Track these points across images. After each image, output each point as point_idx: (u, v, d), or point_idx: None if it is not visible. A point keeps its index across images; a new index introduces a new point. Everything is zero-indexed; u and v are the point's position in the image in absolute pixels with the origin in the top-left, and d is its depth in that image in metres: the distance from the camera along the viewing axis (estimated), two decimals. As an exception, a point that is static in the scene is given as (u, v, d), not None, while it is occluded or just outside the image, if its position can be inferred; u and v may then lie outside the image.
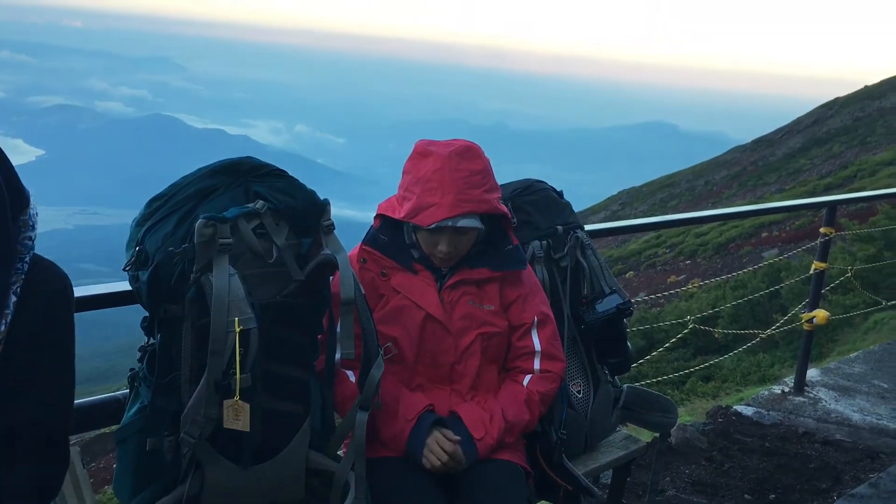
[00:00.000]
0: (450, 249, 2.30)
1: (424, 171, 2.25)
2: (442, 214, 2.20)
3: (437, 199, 2.20)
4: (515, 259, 2.42)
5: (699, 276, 21.40)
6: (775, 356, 12.49)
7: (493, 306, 2.39)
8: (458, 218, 2.21)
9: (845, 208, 14.50)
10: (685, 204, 40.01)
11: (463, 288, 2.37)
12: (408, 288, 2.34)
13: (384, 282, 2.35)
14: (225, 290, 1.82)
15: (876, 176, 26.64)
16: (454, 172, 2.22)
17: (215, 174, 2.00)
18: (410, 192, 2.27)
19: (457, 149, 2.26)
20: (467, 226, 2.24)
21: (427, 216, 2.21)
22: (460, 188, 2.21)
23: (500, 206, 2.31)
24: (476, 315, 2.36)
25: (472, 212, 2.23)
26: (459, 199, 2.20)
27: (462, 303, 2.36)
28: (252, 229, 1.93)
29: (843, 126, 43.92)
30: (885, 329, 10.92)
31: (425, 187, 2.23)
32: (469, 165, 2.24)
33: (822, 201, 4.87)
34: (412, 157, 2.32)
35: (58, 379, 1.63)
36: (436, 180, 2.21)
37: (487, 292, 2.40)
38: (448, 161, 2.23)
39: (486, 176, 2.28)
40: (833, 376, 5.24)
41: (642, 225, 4.01)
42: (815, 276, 4.79)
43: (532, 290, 2.48)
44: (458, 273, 2.37)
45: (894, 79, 49.86)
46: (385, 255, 2.36)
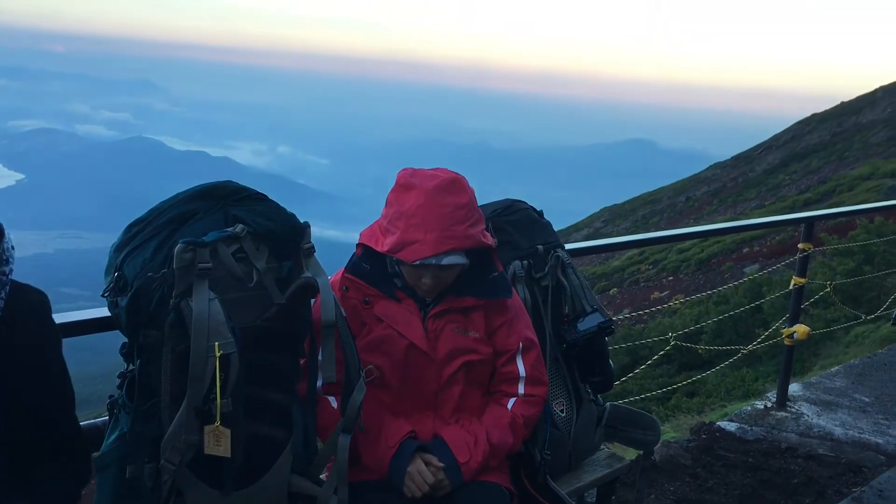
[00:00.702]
0: (434, 283, 2.27)
1: (408, 205, 2.19)
2: (426, 252, 2.15)
3: (420, 236, 2.15)
4: (501, 287, 2.39)
5: (682, 292, 21.52)
6: (759, 371, 12.55)
7: (478, 334, 2.37)
8: (443, 256, 2.17)
9: (825, 223, 14.64)
10: (667, 220, 40.26)
11: (448, 316, 2.34)
12: (391, 317, 2.31)
13: (367, 310, 2.32)
14: (205, 315, 1.81)
15: (854, 190, 26.95)
16: (438, 208, 2.16)
17: (194, 199, 1.99)
18: (394, 225, 2.21)
19: (441, 182, 2.20)
20: (452, 263, 2.20)
21: (411, 253, 2.17)
22: (444, 225, 2.16)
23: (484, 239, 2.26)
24: (461, 343, 2.34)
25: (456, 248, 2.18)
26: (444, 235, 2.15)
27: (446, 332, 2.33)
28: (232, 253, 1.92)
29: (821, 142, 44.46)
30: (865, 342, 11.00)
31: (409, 223, 2.17)
32: (454, 200, 2.19)
33: (800, 217, 4.92)
34: (395, 189, 2.26)
35: (56, 391, 1.73)
36: (419, 216, 2.16)
37: (472, 319, 2.37)
38: (432, 196, 2.17)
39: (470, 210, 2.22)
40: (815, 391, 5.27)
41: (624, 243, 4.03)
42: (795, 292, 4.83)
43: (517, 316, 2.46)
44: (443, 302, 2.33)
45: (870, 95, 50.54)
46: (368, 283, 2.32)
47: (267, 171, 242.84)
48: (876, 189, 25.47)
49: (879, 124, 42.00)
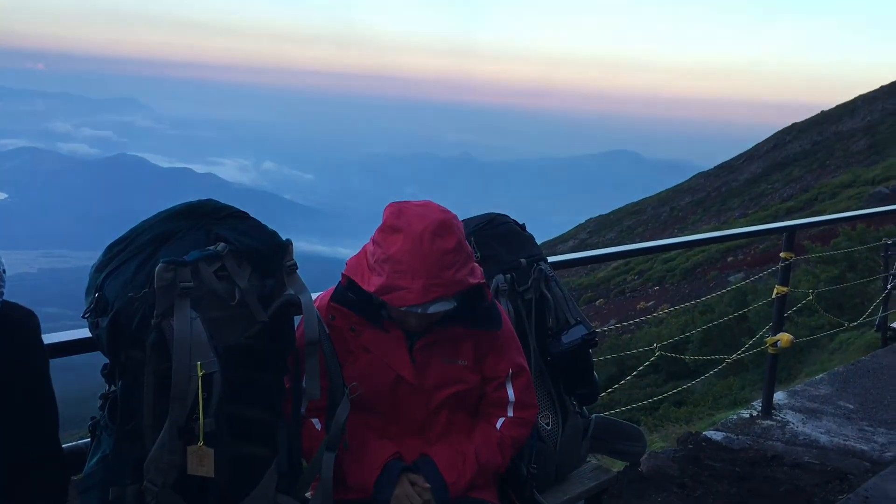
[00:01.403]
0: (420, 324, 2.24)
1: (394, 249, 2.11)
2: (412, 300, 2.09)
3: (407, 283, 2.08)
4: (491, 318, 2.33)
5: (668, 302, 21.60)
6: (745, 379, 12.60)
7: (466, 362, 2.34)
8: (429, 304, 2.10)
9: (807, 231, 14.75)
10: (652, 230, 40.46)
11: (436, 347, 2.30)
12: (378, 347, 2.27)
13: (354, 337, 2.28)
14: (186, 334, 1.80)
15: (836, 198, 27.19)
16: (426, 255, 2.08)
17: (175, 217, 1.99)
18: (381, 267, 2.13)
19: (429, 226, 2.11)
20: (438, 311, 2.14)
21: (396, 299, 2.11)
22: (432, 272, 2.08)
23: (472, 281, 2.18)
24: (449, 373, 2.31)
25: (442, 295, 2.12)
26: (431, 283, 2.08)
27: (434, 362, 2.30)
28: (214, 272, 1.91)
29: (802, 150, 44.86)
30: (850, 349, 11.07)
31: (395, 268, 2.10)
32: (441, 244, 2.10)
33: (781, 227, 4.96)
34: (382, 229, 2.18)
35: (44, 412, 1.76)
36: (406, 262, 2.08)
37: (461, 348, 2.33)
38: (420, 242, 2.09)
39: (458, 253, 2.14)
40: (800, 399, 5.30)
41: (608, 254, 4.05)
42: (777, 301, 4.86)
43: (507, 342, 2.42)
44: (432, 333, 2.28)
45: (849, 103, 51.09)
46: (354, 311, 2.26)
47: (252, 187, 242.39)
48: (857, 196, 25.70)
49: (859, 132, 42.45)
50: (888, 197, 23.63)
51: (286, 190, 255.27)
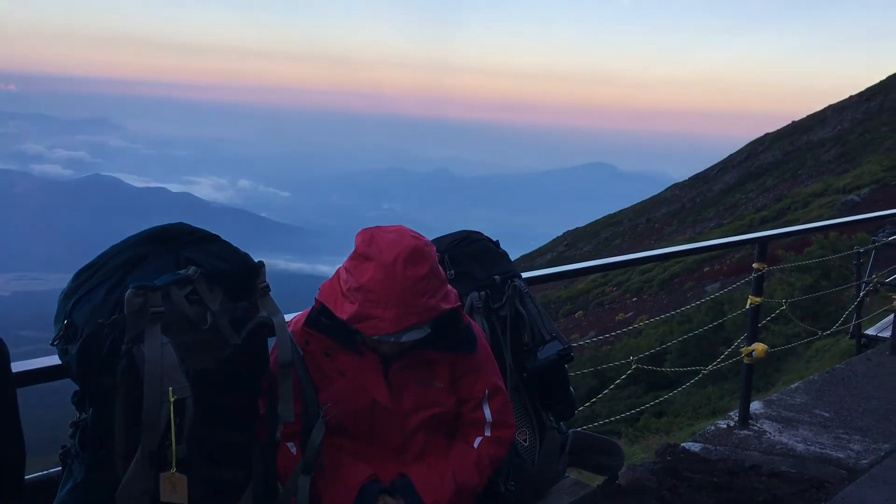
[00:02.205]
0: (393, 351, 2.24)
1: (366, 278, 2.10)
2: (385, 329, 2.09)
3: (379, 313, 2.07)
4: (466, 341, 2.33)
5: (646, 313, 21.73)
6: (724, 388, 12.70)
7: (442, 384, 2.34)
8: (402, 333, 2.10)
9: (781, 240, 14.89)
10: (629, 242, 40.72)
11: (411, 370, 2.30)
12: (353, 371, 2.27)
13: (328, 362, 2.27)
14: (157, 359, 1.78)
15: (808, 207, 27.52)
16: (398, 284, 2.07)
17: (145, 242, 1.97)
18: (353, 296, 2.12)
19: (401, 254, 2.09)
20: (412, 339, 2.14)
21: (369, 328, 2.10)
22: (405, 300, 2.08)
23: (445, 306, 2.17)
24: (425, 396, 2.31)
25: (416, 323, 2.11)
26: (403, 312, 2.08)
27: (410, 386, 2.30)
28: (185, 296, 1.89)
29: (775, 160, 45.42)
30: (826, 356, 11.18)
31: (367, 297, 2.09)
32: (414, 272, 2.09)
33: (753, 238, 5.01)
34: (354, 257, 2.17)
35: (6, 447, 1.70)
36: (378, 291, 2.07)
37: (436, 370, 2.33)
38: (392, 271, 2.08)
39: (431, 279, 2.13)
40: (776, 408, 5.33)
41: (582, 269, 4.06)
42: (752, 311, 4.90)
43: (483, 363, 2.42)
44: (407, 357, 2.28)
45: (820, 113, 51.84)
46: (328, 336, 2.26)
47: (228, 205, 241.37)
48: (829, 205, 26.04)
49: (829, 142, 43.04)
50: (859, 205, 23.96)
51: (263, 208, 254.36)
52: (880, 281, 8.60)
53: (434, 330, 2.22)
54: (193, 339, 1.91)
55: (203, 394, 1.86)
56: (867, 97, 49.58)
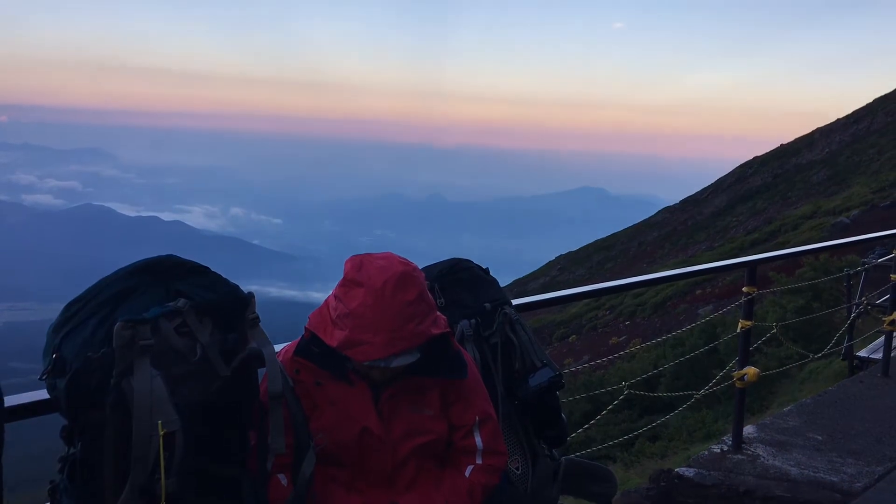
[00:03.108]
0: (384, 377, 2.25)
1: (356, 304, 2.12)
2: (375, 355, 2.10)
3: (369, 338, 2.10)
4: (456, 367, 2.34)
5: (639, 336, 21.74)
6: (718, 411, 12.66)
7: (433, 411, 2.34)
8: (392, 358, 2.12)
9: (772, 262, 14.97)
10: (621, 265, 40.82)
11: (402, 397, 2.30)
12: (344, 399, 2.27)
13: (319, 391, 2.27)
14: (147, 393, 1.78)
15: (798, 229, 27.68)
16: (388, 309, 2.10)
17: (134, 274, 1.97)
18: (343, 322, 2.14)
19: (390, 279, 2.13)
20: (401, 364, 2.16)
21: (359, 354, 2.12)
22: (394, 325, 2.10)
23: (435, 331, 2.19)
24: (415, 423, 2.31)
25: (406, 349, 2.13)
26: (393, 337, 2.10)
27: (401, 412, 2.29)
28: (174, 328, 1.90)
29: (764, 183, 45.72)
30: (819, 378, 11.18)
31: (357, 322, 2.11)
32: (403, 297, 2.12)
33: (743, 262, 5.03)
34: (343, 283, 2.19)
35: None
36: (368, 317, 2.10)
37: (427, 397, 2.33)
38: (381, 296, 2.11)
39: (420, 304, 2.16)
40: (769, 432, 5.33)
41: (572, 295, 4.07)
42: (743, 334, 4.91)
43: (474, 390, 2.42)
44: (397, 384, 2.29)
45: (808, 136, 52.28)
46: (318, 365, 2.26)
47: (221, 233, 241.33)
48: (819, 227, 26.20)
49: (818, 164, 43.39)
50: (849, 227, 24.10)
51: (255, 235, 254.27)
52: (871, 302, 8.64)
53: (424, 356, 2.23)
54: (183, 372, 1.90)
55: (193, 426, 1.85)
56: (854, 120, 50.09)
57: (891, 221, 21.71)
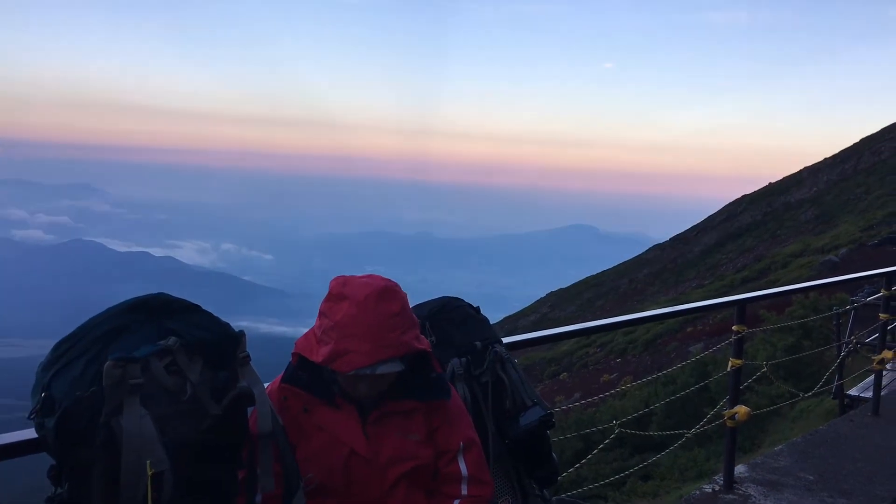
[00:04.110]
0: (370, 390, 2.27)
1: (340, 315, 2.20)
2: (360, 362, 2.15)
3: (354, 347, 2.16)
4: (440, 388, 2.38)
5: (631, 374, 21.69)
6: (711, 450, 12.62)
7: (419, 436, 2.35)
8: (377, 365, 2.16)
9: (763, 301, 15.04)
10: (612, 303, 40.84)
11: (388, 421, 2.33)
12: (331, 424, 2.29)
13: (307, 418, 2.30)
14: (136, 432, 1.77)
15: (788, 267, 27.81)
16: (371, 317, 2.18)
17: (125, 313, 1.97)
18: (328, 336, 2.21)
19: (372, 291, 2.21)
20: (386, 372, 2.20)
21: (345, 363, 2.16)
22: (377, 334, 2.17)
23: (418, 344, 2.25)
24: (402, 447, 2.32)
25: (390, 357, 2.18)
26: (377, 345, 2.16)
27: (388, 436, 2.31)
28: (165, 366, 1.90)
29: (754, 221, 46.02)
30: (810, 417, 11.18)
31: (342, 333, 2.18)
32: (386, 308, 2.20)
33: (732, 300, 5.05)
34: (328, 299, 2.27)
35: None
36: (352, 326, 2.17)
37: (413, 422, 2.36)
38: (364, 306, 2.18)
39: (402, 316, 2.24)
40: (760, 471, 5.31)
41: (562, 333, 4.07)
42: (733, 373, 4.91)
43: (457, 416, 2.45)
44: (383, 406, 2.32)
45: (796, 175, 52.80)
46: (306, 391, 2.30)
47: (212, 269, 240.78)
48: (808, 265, 26.32)
49: (807, 203, 43.75)
50: (838, 265, 24.24)
51: (246, 271, 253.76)
52: (860, 341, 8.67)
53: (408, 376, 2.29)
54: (172, 411, 1.89)
55: (182, 466, 1.84)
56: (841, 159, 50.65)
57: (879, 260, 21.87)
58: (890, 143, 48.16)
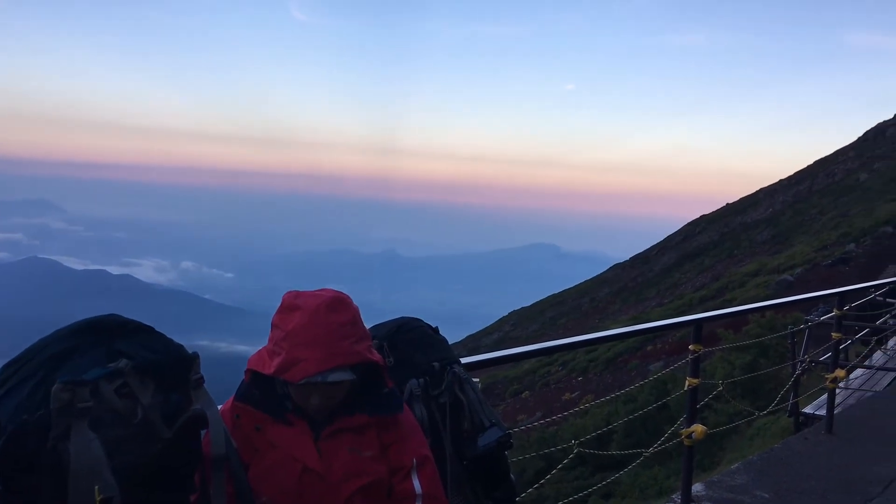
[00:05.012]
0: (323, 402, 2.27)
1: (292, 325, 2.21)
2: (311, 370, 2.16)
3: (305, 355, 2.16)
4: (392, 403, 2.38)
5: (592, 392, 21.81)
6: (670, 468, 12.72)
7: (372, 452, 2.34)
8: (328, 373, 2.18)
9: (720, 320, 15.25)
10: (573, 321, 41.10)
11: (340, 436, 2.31)
12: (283, 441, 2.28)
13: (259, 436, 2.28)
14: (84, 457, 1.74)
15: (745, 287, 28.25)
16: (322, 326, 2.20)
17: (75, 335, 1.94)
18: (280, 346, 2.22)
19: (324, 301, 2.25)
20: (338, 380, 2.21)
21: (297, 372, 2.17)
22: (329, 342, 2.19)
23: (370, 355, 2.28)
24: (356, 464, 2.31)
25: (342, 364, 2.20)
26: (329, 353, 2.17)
27: (341, 452, 2.30)
28: (115, 389, 1.86)
29: (711, 241, 46.73)
30: (767, 435, 11.33)
31: (294, 342, 2.19)
32: (337, 318, 2.23)
33: (689, 320, 5.11)
34: (280, 311, 2.29)
35: None
36: (304, 335, 2.19)
37: (366, 438, 2.35)
38: (315, 315, 2.21)
39: (354, 326, 2.26)
40: (717, 489, 5.36)
41: (521, 353, 4.09)
42: (690, 392, 4.96)
43: (410, 432, 2.44)
44: (335, 422, 2.31)
45: (752, 196, 53.78)
46: (258, 409, 2.29)
47: (171, 288, 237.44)
48: (764, 284, 26.78)
49: (763, 223, 44.57)
50: (793, 285, 24.69)
51: (206, 290, 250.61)
52: (814, 359, 8.82)
53: (360, 392, 2.30)
54: (123, 435, 1.86)
55: (132, 491, 1.81)
56: (796, 181, 51.75)
57: (832, 280, 22.34)
58: (843, 166, 49.37)
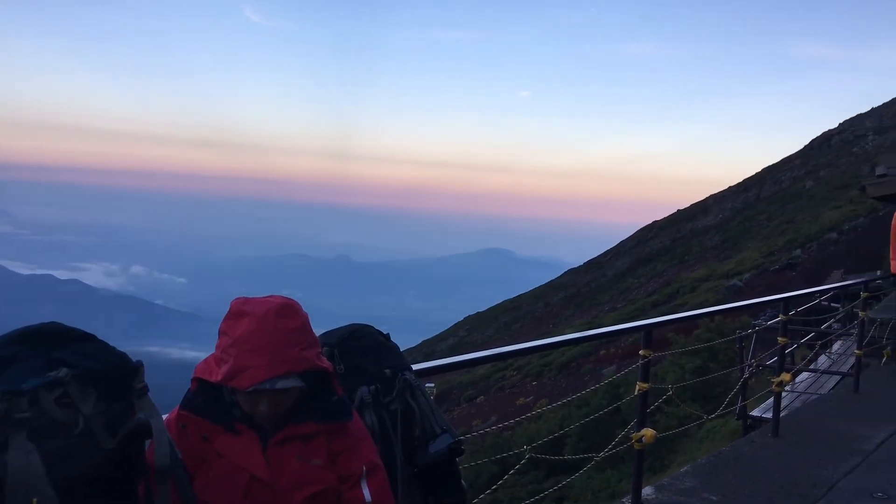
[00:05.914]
0: (271, 409, 2.24)
1: (240, 332, 2.18)
2: (260, 377, 2.13)
3: (254, 361, 2.13)
4: (341, 411, 2.37)
5: (546, 397, 21.96)
6: (622, 471, 12.86)
7: (321, 460, 2.32)
8: (277, 379, 2.15)
9: (671, 325, 15.47)
10: (528, 326, 41.32)
11: (289, 444, 2.28)
12: (231, 450, 2.24)
13: (206, 446, 2.24)
14: (22, 469, 1.69)
15: (696, 291, 28.72)
16: (270, 332, 2.17)
17: (12, 343, 1.89)
18: (227, 353, 2.18)
19: (273, 307, 2.22)
20: (287, 387, 2.19)
21: (244, 379, 2.14)
22: (277, 348, 2.16)
23: (319, 362, 2.26)
24: (304, 472, 2.28)
25: (290, 371, 2.18)
26: (277, 359, 2.15)
27: (289, 460, 2.27)
28: (56, 399, 1.82)
29: (663, 246, 47.41)
30: (716, 438, 11.52)
31: (242, 349, 2.16)
32: (286, 324, 2.20)
33: (639, 325, 5.17)
34: (228, 318, 2.25)
35: None
36: (252, 341, 2.16)
37: (315, 446, 2.32)
38: (264, 321, 2.18)
39: (303, 333, 2.24)
40: (667, 493, 5.42)
41: (473, 360, 4.09)
42: (640, 396, 5.02)
43: (360, 440, 2.42)
44: (284, 430, 2.28)
45: (702, 203, 54.70)
46: (205, 417, 2.25)
47: (120, 293, 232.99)
48: (714, 289, 27.26)
49: (712, 229, 45.37)
50: (742, 290, 25.18)
51: (158, 295, 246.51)
52: (761, 363, 8.99)
53: (309, 399, 2.28)
54: (63, 446, 1.81)
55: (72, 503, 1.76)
56: (745, 188, 52.81)
57: (779, 285, 22.81)
58: (790, 173, 50.53)
